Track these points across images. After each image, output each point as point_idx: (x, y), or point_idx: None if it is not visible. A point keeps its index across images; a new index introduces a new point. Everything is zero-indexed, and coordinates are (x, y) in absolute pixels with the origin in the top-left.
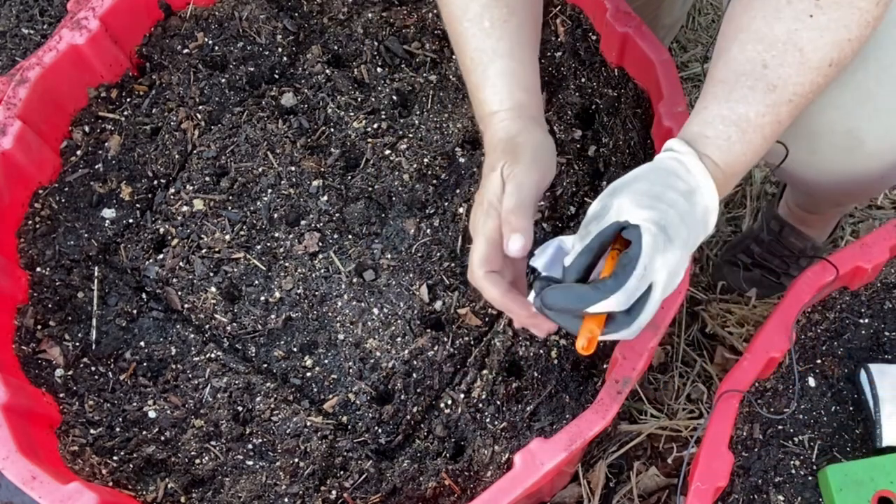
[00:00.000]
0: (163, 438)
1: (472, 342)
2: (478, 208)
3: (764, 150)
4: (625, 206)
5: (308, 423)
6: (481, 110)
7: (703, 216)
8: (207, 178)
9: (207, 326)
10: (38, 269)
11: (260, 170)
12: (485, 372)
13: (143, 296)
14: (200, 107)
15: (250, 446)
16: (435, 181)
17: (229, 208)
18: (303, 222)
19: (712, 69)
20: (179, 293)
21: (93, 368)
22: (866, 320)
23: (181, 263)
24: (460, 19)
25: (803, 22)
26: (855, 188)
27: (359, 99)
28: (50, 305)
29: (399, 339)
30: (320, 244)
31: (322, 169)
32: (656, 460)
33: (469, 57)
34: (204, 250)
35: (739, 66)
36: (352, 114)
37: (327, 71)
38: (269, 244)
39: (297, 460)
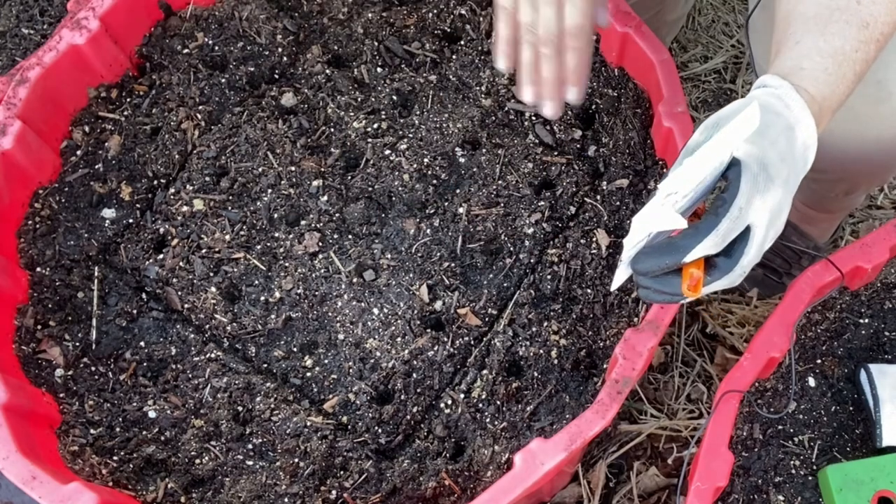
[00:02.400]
0: (163, 438)
1: (472, 342)
2: None
3: (851, 90)
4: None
5: (308, 423)
6: None
7: (802, 153)
8: (207, 178)
9: (207, 326)
10: (38, 269)
11: (260, 170)
12: (485, 372)
13: (143, 296)
14: (200, 107)
15: (250, 446)
16: (435, 181)
17: (229, 208)
18: (303, 222)
19: (797, 5)
20: (179, 293)
21: (93, 368)
22: (866, 320)
23: (181, 263)
24: None
25: None
26: (877, 155)
27: (359, 99)
28: (50, 305)
29: (399, 339)
30: (320, 244)
31: (322, 169)
32: (656, 460)
33: None
34: (204, 250)
35: (832, 1)
36: (352, 114)
37: (327, 71)
38: (269, 244)
39: (297, 460)
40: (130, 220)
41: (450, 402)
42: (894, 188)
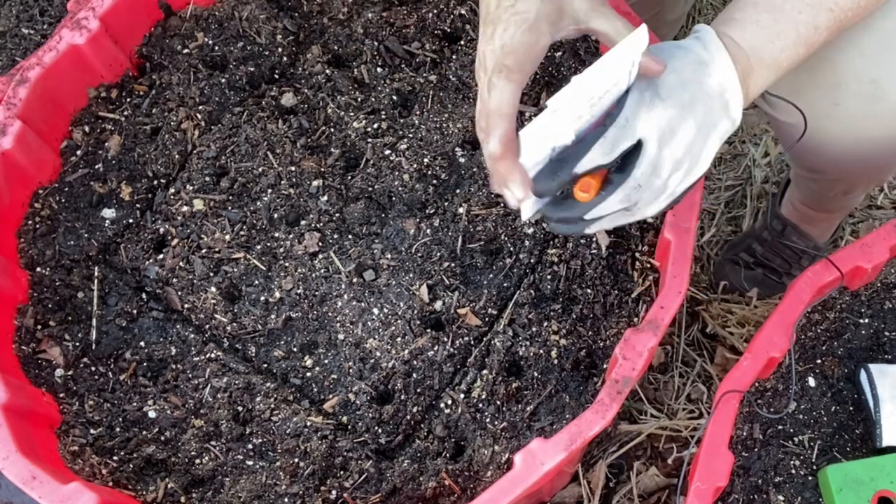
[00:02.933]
0: (163, 438)
1: (472, 342)
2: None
3: (798, 52)
4: None
5: (308, 423)
6: None
7: (718, 91)
8: (207, 178)
9: (207, 326)
10: (38, 269)
11: (260, 170)
12: (485, 372)
13: (143, 296)
14: (200, 107)
15: (250, 446)
16: (435, 181)
17: (229, 208)
18: (303, 222)
19: None
20: (179, 293)
21: (93, 368)
22: (866, 320)
23: (181, 263)
24: None
25: None
26: (872, 153)
27: (359, 99)
28: (50, 305)
29: (399, 339)
30: (320, 244)
31: (322, 169)
32: (656, 460)
33: None
34: (204, 250)
35: None
36: (352, 114)
37: (327, 71)
38: (269, 244)
39: (297, 460)
40: (130, 220)
41: (450, 402)
42: (894, 188)
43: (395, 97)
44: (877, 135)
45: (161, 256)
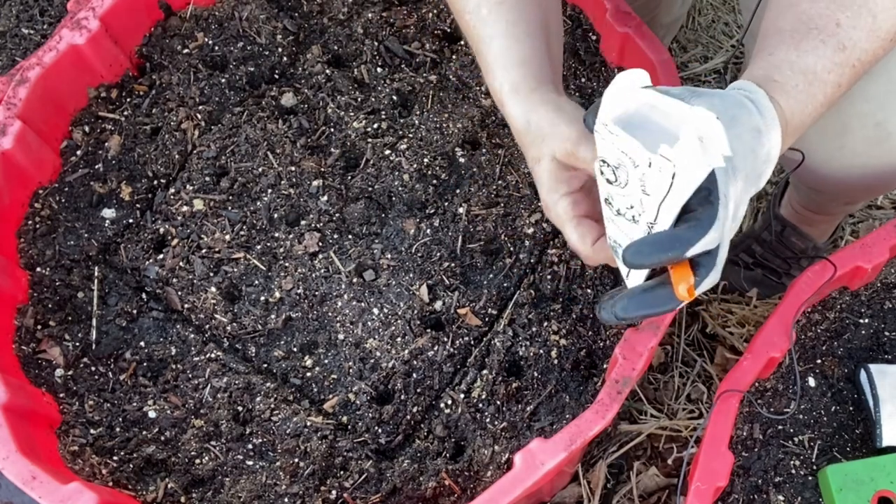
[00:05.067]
0: (163, 438)
1: (472, 342)
2: (549, 204)
3: (820, 113)
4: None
5: (308, 423)
6: (494, 98)
7: (764, 160)
8: (207, 178)
9: (207, 326)
10: (38, 269)
11: (260, 170)
12: (485, 372)
13: (143, 296)
14: (200, 107)
15: (250, 446)
16: (435, 181)
17: (229, 208)
18: (303, 222)
19: (776, 20)
20: (179, 293)
21: (93, 368)
22: (866, 320)
23: (181, 263)
24: (461, 13)
25: None
26: (877, 182)
27: (359, 99)
28: (50, 305)
29: (399, 339)
30: (320, 244)
31: (322, 169)
32: (656, 460)
33: (475, 50)
34: (204, 250)
35: (811, 19)
36: (352, 114)
37: (327, 71)
38: (269, 244)
39: (297, 460)
40: (130, 220)
41: (450, 402)
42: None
43: (395, 97)
44: (881, 170)
45: (161, 256)
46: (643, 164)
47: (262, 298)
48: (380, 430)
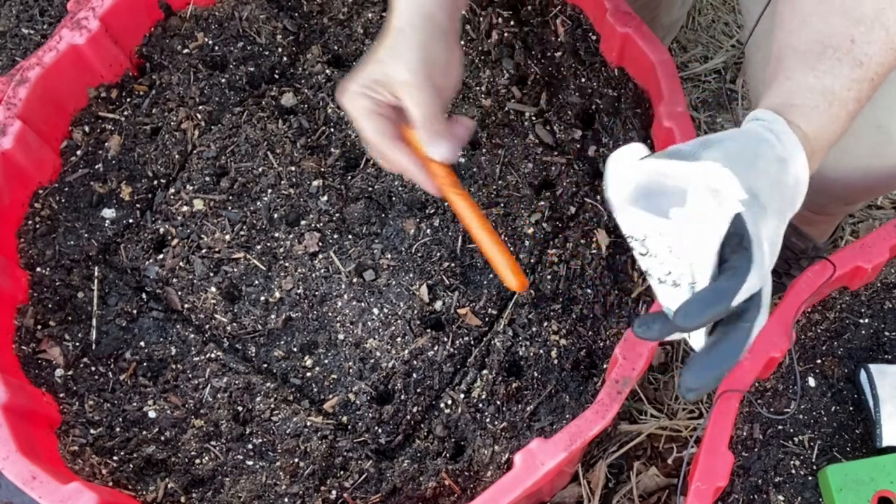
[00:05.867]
0: (163, 438)
1: (472, 342)
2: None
3: (844, 129)
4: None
5: (308, 423)
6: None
7: (794, 187)
8: (207, 178)
9: (207, 326)
10: (38, 269)
11: (260, 170)
12: (485, 372)
13: (143, 296)
14: (200, 107)
15: (250, 446)
16: None
17: (229, 208)
18: (303, 222)
19: (789, 38)
20: (179, 293)
21: (93, 368)
22: (866, 320)
23: (181, 263)
24: None
25: (890, 1)
26: (878, 184)
27: None
28: (50, 305)
29: (399, 339)
30: (320, 244)
31: (322, 169)
32: (656, 460)
33: None
34: (204, 250)
35: (825, 37)
36: None
37: (327, 71)
38: (269, 244)
39: (297, 460)
40: (130, 220)
41: (450, 402)
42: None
43: None
44: (883, 172)
45: (161, 256)
46: (665, 231)
47: (262, 298)
48: (380, 430)
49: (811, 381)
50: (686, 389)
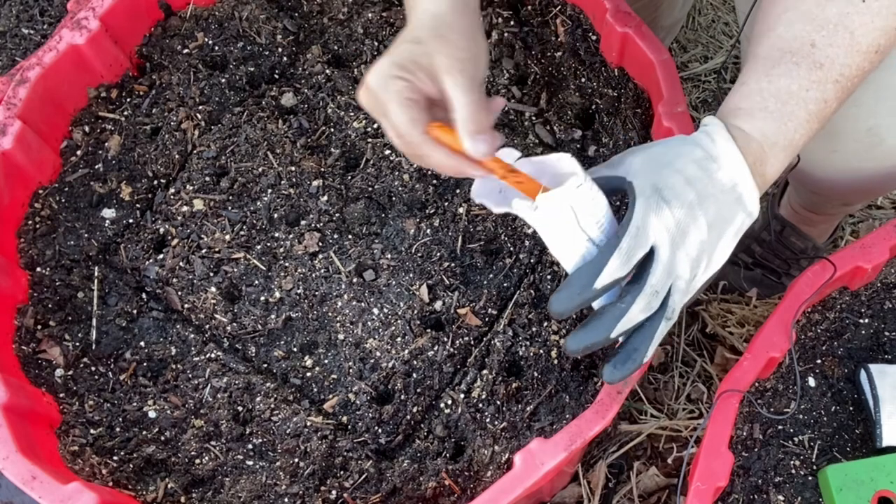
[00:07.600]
0: (163, 438)
1: (472, 342)
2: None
3: (812, 128)
4: (634, 164)
5: (308, 423)
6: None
7: (730, 186)
8: (207, 178)
9: (207, 326)
10: (38, 269)
11: (260, 170)
12: (485, 372)
13: (143, 296)
14: (200, 107)
15: (250, 446)
16: (435, 181)
17: (229, 208)
18: (303, 222)
19: (754, 47)
20: (179, 293)
21: (93, 368)
22: (866, 320)
23: (181, 263)
24: None
25: (855, 6)
26: (871, 185)
27: None
28: (50, 305)
29: (399, 339)
30: (320, 244)
31: (322, 169)
32: (656, 460)
33: None
34: (204, 250)
35: (785, 43)
36: (352, 114)
37: (327, 71)
38: (269, 244)
39: (297, 460)
40: (130, 220)
41: (450, 402)
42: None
43: None
44: (874, 174)
45: (161, 256)
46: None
47: (262, 298)
48: (380, 430)
49: (811, 381)
50: (554, 312)
